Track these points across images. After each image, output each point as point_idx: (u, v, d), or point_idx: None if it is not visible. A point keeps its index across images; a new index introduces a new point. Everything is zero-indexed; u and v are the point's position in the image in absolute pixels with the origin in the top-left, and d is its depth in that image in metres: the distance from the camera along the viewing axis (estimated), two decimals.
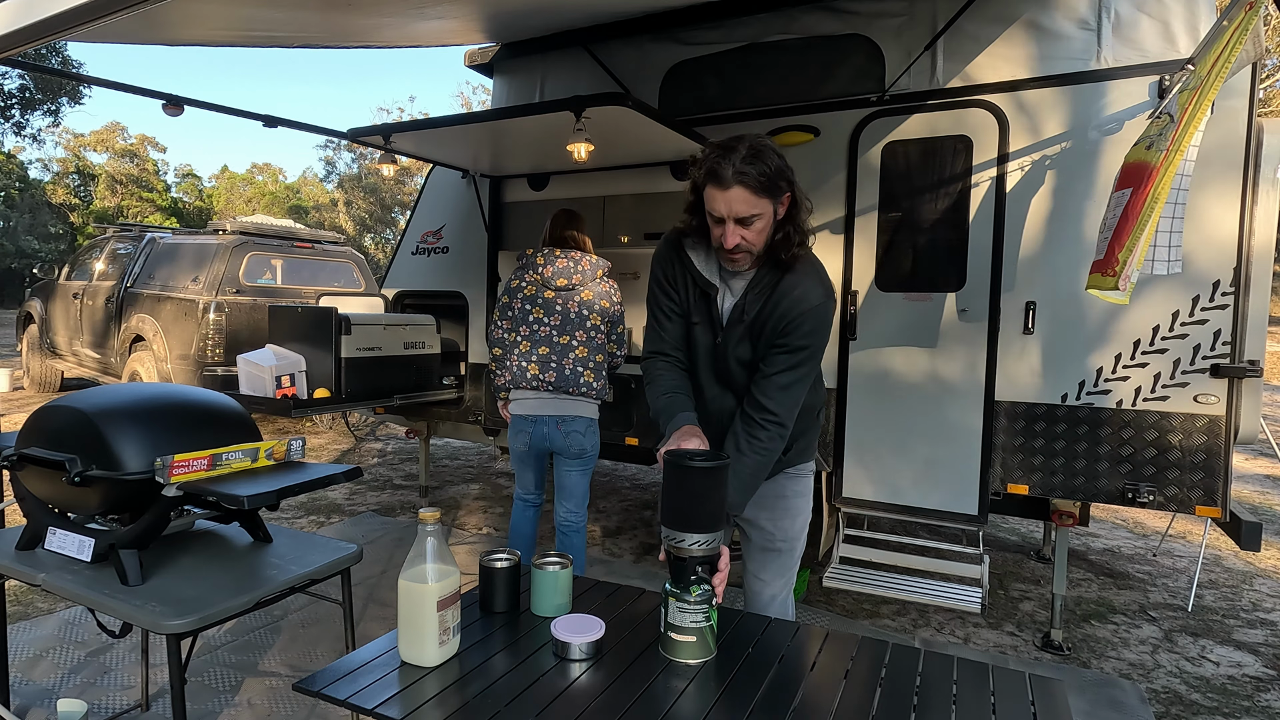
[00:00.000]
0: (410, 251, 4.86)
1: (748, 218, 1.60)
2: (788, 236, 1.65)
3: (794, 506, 1.94)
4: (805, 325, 1.67)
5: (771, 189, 1.59)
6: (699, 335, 1.82)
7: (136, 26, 3.20)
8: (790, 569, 1.96)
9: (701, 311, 1.80)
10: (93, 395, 1.85)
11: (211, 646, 2.95)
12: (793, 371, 1.69)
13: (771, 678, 1.32)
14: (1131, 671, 3.04)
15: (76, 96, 25.01)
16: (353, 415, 7.68)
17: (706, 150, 1.63)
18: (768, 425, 1.69)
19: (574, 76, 4.22)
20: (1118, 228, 2.25)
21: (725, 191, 1.59)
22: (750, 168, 1.56)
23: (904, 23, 3.37)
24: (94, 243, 8.50)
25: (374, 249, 33.87)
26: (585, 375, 2.91)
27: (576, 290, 2.95)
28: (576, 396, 2.92)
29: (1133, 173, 2.30)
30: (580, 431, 2.93)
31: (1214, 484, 2.85)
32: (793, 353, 1.68)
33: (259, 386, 3.80)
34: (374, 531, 4.51)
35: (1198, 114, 2.02)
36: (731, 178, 1.57)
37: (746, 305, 1.72)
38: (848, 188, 3.46)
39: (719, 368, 1.81)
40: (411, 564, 1.32)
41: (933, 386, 3.31)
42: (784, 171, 1.61)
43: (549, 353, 2.90)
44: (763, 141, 1.60)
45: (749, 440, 1.69)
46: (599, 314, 2.96)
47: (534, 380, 2.92)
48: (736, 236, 1.63)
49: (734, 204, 1.59)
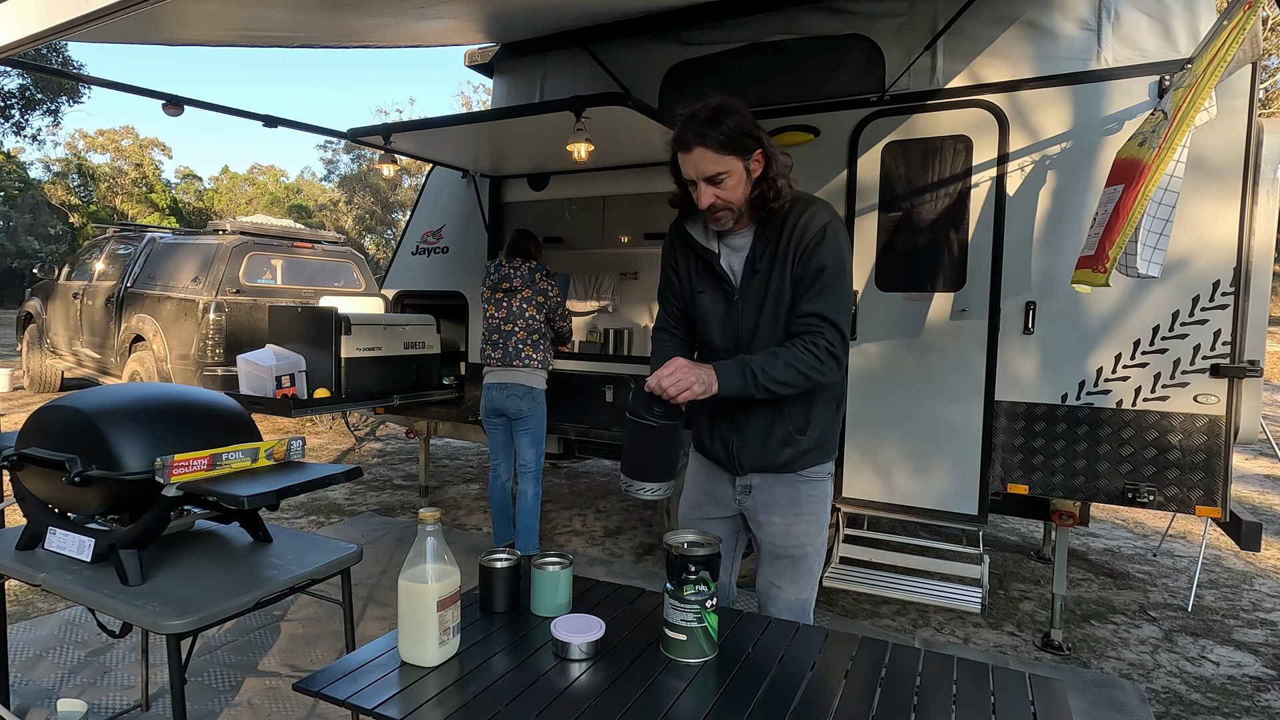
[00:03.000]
0: (410, 251, 4.86)
1: (715, 176, 1.64)
2: (764, 193, 1.68)
3: (809, 513, 1.84)
4: (814, 245, 1.68)
5: (735, 146, 1.63)
6: (706, 304, 1.83)
7: (136, 26, 3.20)
8: (807, 577, 1.87)
9: (707, 279, 1.82)
10: (93, 395, 1.85)
11: (211, 646, 2.95)
12: (822, 294, 1.68)
13: (771, 678, 1.32)
14: (1131, 671, 3.04)
15: (76, 96, 25.01)
16: (353, 415, 7.68)
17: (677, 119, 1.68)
18: (814, 343, 1.65)
19: (574, 76, 4.22)
20: (1109, 224, 2.24)
21: (689, 154, 1.64)
22: (709, 129, 1.61)
23: (904, 23, 3.37)
24: (94, 243, 8.51)
25: (374, 249, 33.87)
26: (525, 350, 3.76)
27: (518, 290, 3.76)
28: (519, 368, 3.75)
29: (1125, 169, 2.29)
30: (519, 396, 3.73)
31: (1214, 484, 2.85)
32: (815, 275, 1.68)
33: (259, 386, 3.80)
34: (374, 531, 4.51)
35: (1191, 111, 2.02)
36: (692, 140, 1.62)
37: (758, 256, 1.74)
38: (848, 188, 3.46)
39: (736, 329, 1.80)
40: (411, 564, 1.32)
41: (933, 386, 3.31)
42: (747, 129, 1.63)
43: (499, 338, 3.79)
44: (723, 102, 1.63)
45: (799, 347, 1.66)
46: (534, 306, 3.78)
47: (488, 358, 3.83)
48: (710, 196, 1.67)
49: (700, 165, 1.64)
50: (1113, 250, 2.18)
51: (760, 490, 1.85)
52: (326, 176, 36.78)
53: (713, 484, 1.93)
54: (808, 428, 1.81)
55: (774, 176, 1.68)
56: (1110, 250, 2.19)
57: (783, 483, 1.84)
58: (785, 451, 1.80)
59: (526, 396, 3.74)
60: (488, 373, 3.84)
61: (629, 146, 3.62)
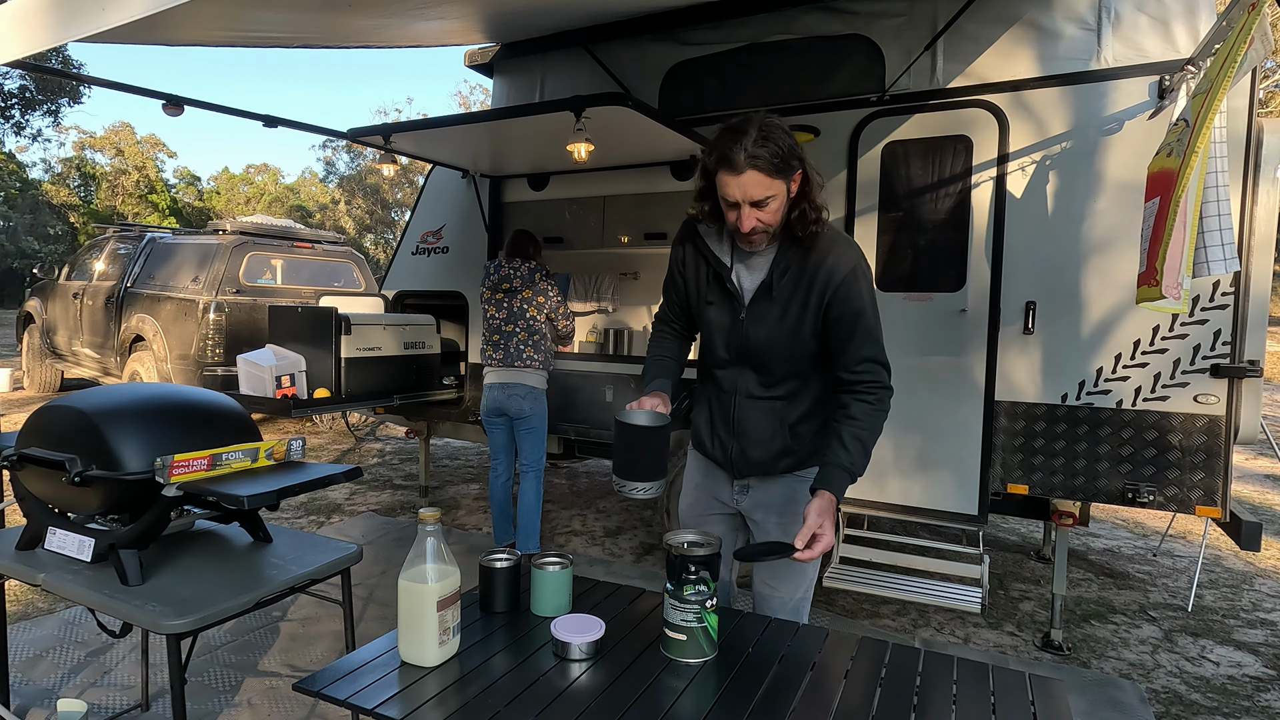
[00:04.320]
0: (410, 251, 4.86)
1: (762, 200, 1.59)
2: (804, 214, 1.64)
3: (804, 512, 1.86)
4: (851, 286, 1.67)
5: (784, 169, 1.58)
6: (714, 315, 1.80)
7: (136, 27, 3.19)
8: (803, 578, 1.87)
9: (716, 290, 1.79)
10: (93, 395, 1.85)
11: (211, 646, 2.95)
12: (864, 334, 1.70)
13: (771, 678, 1.32)
14: (1131, 671, 3.04)
15: (76, 96, 25.01)
16: (353, 415, 7.68)
17: (718, 134, 1.62)
18: (874, 389, 1.69)
19: (574, 76, 4.22)
20: (1151, 238, 2.23)
21: (739, 176, 1.57)
22: (762, 150, 1.55)
23: (904, 23, 3.37)
24: (94, 243, 8.51)
25: (374, 249, 33.87)
26: (526, 351, 3.75)
27: (518, 291, 3.76)
28: (520, 368, 3.74)
29: (1159, 181, 2.28)
30: (521, 396, 3.73)
31: (1214, 484, 2.85)
32: (855, 318, 1.68)
33: (259, 386, 3.80)
34: (374, 531, 4.51)
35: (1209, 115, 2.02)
36: (744, 162, 1.55)
37: (774, 282, 1.71)
38: (848, 188, 3.46)
39: (740, 344, 1.78)
40: (411, 564, 1.32)
41: (933, 386, 3.31)
42: (795, 150, 1.60)
43: (500, 338, 3.79)
44: (771, 121, 1.58)
45: (864, 406, 1.68)
46: (535, 307, 3.77)
47: (489, 359, 3.83)
48: (753, 219, 1.62)
49: (748, 188, 1.58)
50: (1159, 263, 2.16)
51: (757, 490, 1.86)
52: (326, 177, 36.80)
53: (711, 483, 1.93)
54: (808, 437, 1.82)
55: (812, 197, 1.65)
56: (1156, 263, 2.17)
57: (780, 483, 1.85)
58: (784, 460, 1.82)
59: (529, 396, 3.75)
60: (489, 373, 3.84)
61: (629, 146, 3.62)
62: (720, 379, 1.85)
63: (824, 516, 1.57)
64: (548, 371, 3.84)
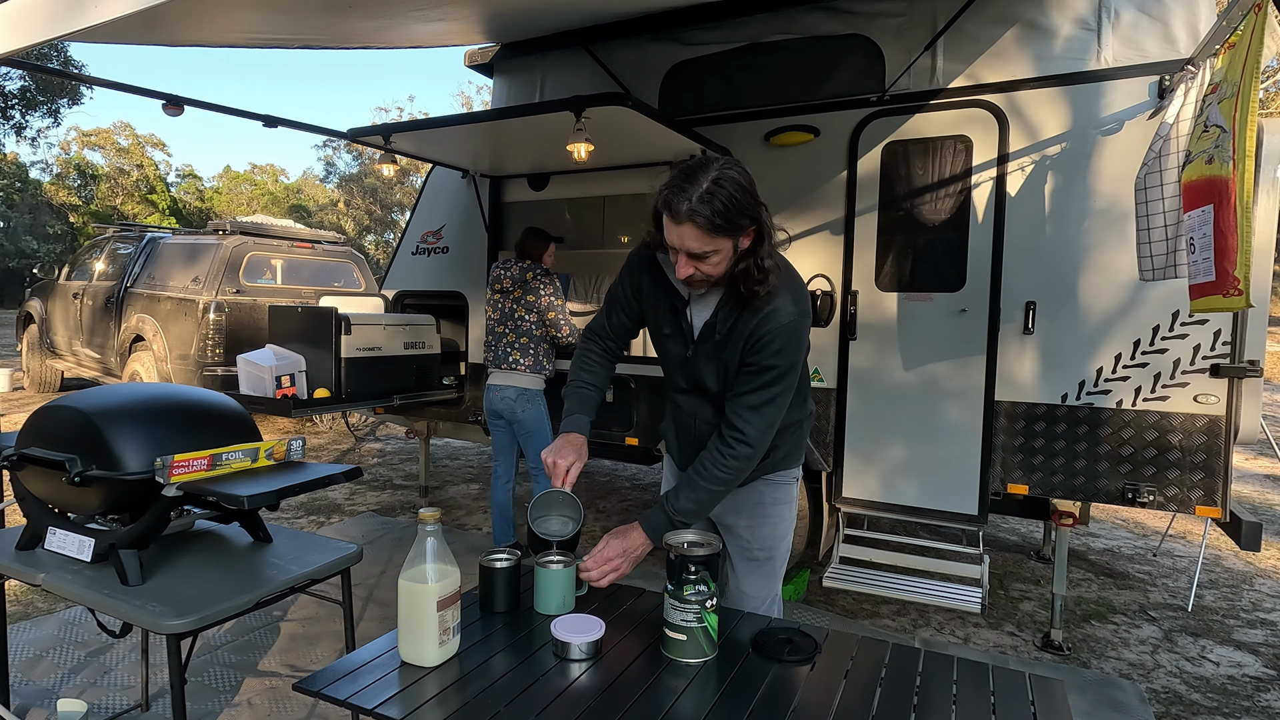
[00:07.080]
0: (410, 251, 4.86)
1: (700, 254, 1.52)
2: (748, 271, 1.54)
3: (773, 514, 1.87)
4: (774, 344, 1.59)
5: (729, 229, 1.49)
6: (671, 347, 1.77)
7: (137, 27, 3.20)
8: (773, 578, 1.90)
9: (671, 323, 1.75)
10: (93, 395, 1.85)
11: (211, 646, 2.95)
12: (763, 391, 1.62)
13: (771, 678, 1.32)
14: (1131, 671, 3.04)
15: (76, 97, 25.00)
16: (353, 415, 7.68)
17: (675, 171, 1.52)
18: (735, 445, 1.63)
19: (574, 76, 4.22)
20: (1218, 246, 2.21)
21: (679, 226, 1.50)
22: (704, 206, 1.45)
23: (904, 23, 3.37)
24: (94, 243, 8.51)
25: (374, 249, 33.86)
26: (513, 354, 3.74)
27: (509, 292, 3.78)
28: (507, 370, 3.76)
29: (1204, 189, 2.25)
30: (511, 398, 3.73)
31: (1214, 484, 2.85)
32: (761, 372, 1.61)
33: (259, 386, 3.80)
34: (374, 531, 4.51)
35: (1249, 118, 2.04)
36: (685, 214, 1.47)
37: (718, 323, 1.66)
38: (848, 188, 3.46)
39: (691, 378, 1.77)
40: (411, 564, 1.32)
41: (933, 386, 3.31)
42: (745, 208, 1.49)
43: (492, 340, 3.84)
44: (728, 175, 1.47)
45: (716, 454, 1.64)
46: (524, 307, 3.74)
47: (485, 360, 3.89)
48: (689, 268, 1.55)
49: (686, 240, 1.50)
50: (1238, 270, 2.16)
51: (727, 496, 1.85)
52: (326, 177, 36.80)
53: None
54: (770, 453, 1.80)
55: (762, 256, 1.54)
56: (1235, 271, 2.17)
57: (748, 489, 1.87)
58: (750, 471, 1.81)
59: (520, 399, 3.73)
60: (488, 374, 3.87)
61: (629, 146, 3.62)
62: (680, 402, 1.87)
63: (624, 554, 1.61)
64: (542, 374, 3.78)
